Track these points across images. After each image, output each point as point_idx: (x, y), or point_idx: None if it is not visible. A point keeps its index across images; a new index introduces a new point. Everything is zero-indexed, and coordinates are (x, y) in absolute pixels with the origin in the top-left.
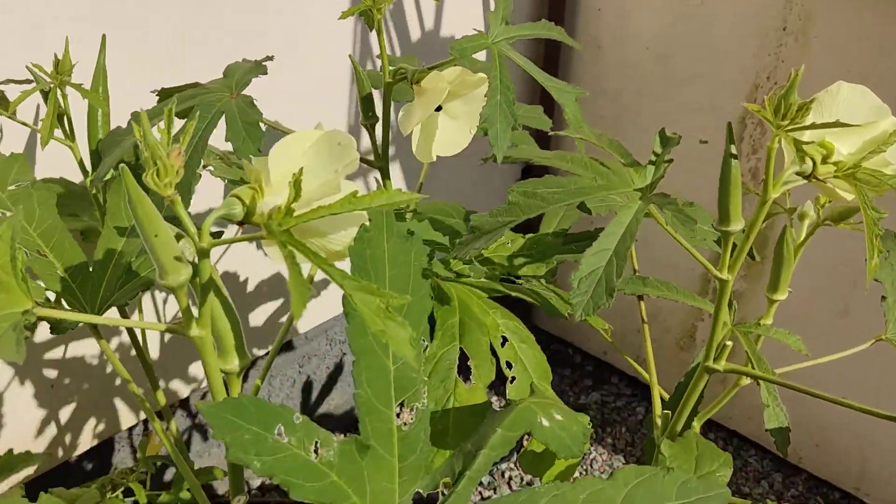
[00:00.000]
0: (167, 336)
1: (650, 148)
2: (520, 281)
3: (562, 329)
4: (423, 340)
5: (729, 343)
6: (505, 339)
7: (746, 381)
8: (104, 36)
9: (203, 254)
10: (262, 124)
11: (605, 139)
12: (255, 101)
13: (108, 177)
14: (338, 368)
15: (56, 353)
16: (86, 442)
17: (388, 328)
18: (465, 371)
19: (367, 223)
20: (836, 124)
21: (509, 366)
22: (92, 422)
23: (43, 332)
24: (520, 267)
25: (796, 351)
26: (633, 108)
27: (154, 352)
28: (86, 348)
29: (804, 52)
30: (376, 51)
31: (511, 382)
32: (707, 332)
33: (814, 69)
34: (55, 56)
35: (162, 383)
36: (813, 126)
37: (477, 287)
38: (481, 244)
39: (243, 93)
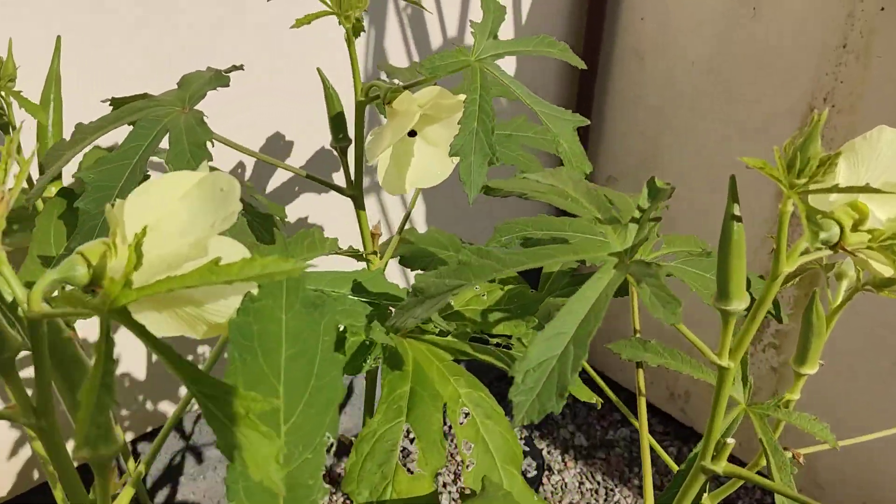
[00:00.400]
0: (154, 355)
1: (690, 171)
2: (495, 340)
3: (592, 357)
4: (329, 437)
5: (731, 441)
6: (466, 414)
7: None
8: (59, 38)
9: (35, 326)
10: (210, 144)
11: (582, 188)
12: (205, 119)
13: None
14: (348, 391)
15: (28, 373)
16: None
17: (248, 440)
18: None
19: (256, 290)
20: (866, 189)
21: (468, 447)
22: (72, 443)
23: None
24: (495, 324)
25: (822, 440)
26: (676, 126)
27: (140, 371)
28: None
29: (865, 72)
30: (392, 58)
31: (468, 468)
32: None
33: (875, 92)
34: None
35: (149, 405)
36: (836, 189)
37: (440, 347)
38: (423, 311)
39: (196, 107)
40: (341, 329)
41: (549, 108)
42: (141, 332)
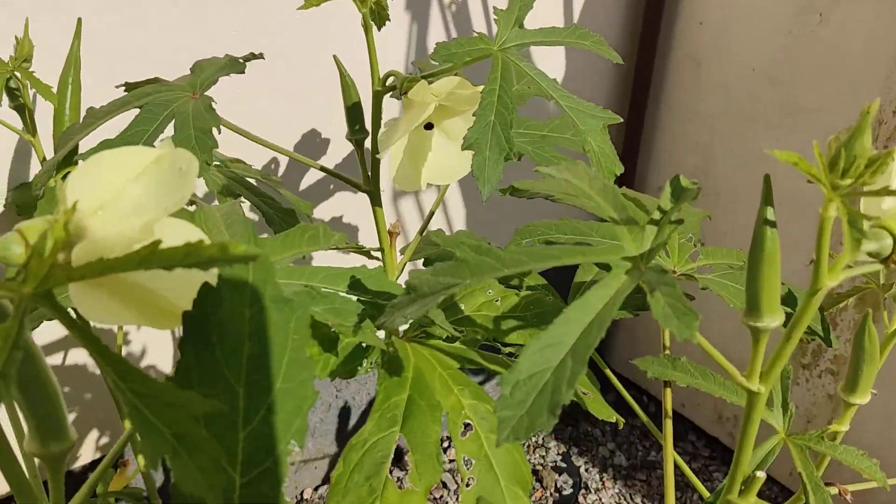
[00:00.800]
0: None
1: (746, 183)
2: (508, 350)
3: (636, 373)
4: (294, 444)
5: (761, 474)
6: (469, 427)
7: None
8: (79, 20)
9: None
10: (217, 131)
11: (598, 184)
12: (213, 105)
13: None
14: None
15: (55, 360)
16: (88, 454)
17: (183, 447)
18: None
19: (215, 278)
20: None
21: (468, 464)
22: (94, 434)
23: (38, 338)
24: (508, 332)
25: (870, 478)
26: (733, 136)
27: (166, 365)
28: (88, 356)
29: None
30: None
31: (467, 486)
32: (808, 388)
33: None
34: (15, 39)
35: None
36: (886, 192)
37: (446, 353)
38: (415, 311)
39: (206, 93)
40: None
41: (576, 102)
42: (66, 319)
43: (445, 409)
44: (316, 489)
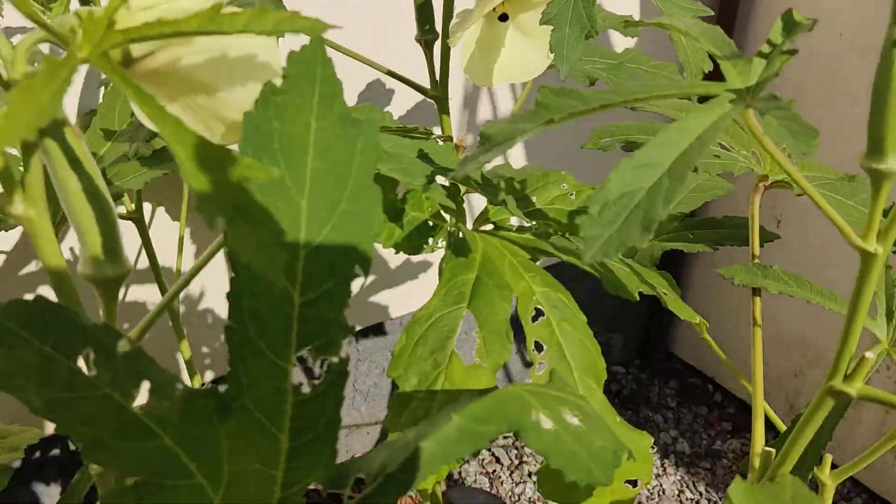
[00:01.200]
0: None
1: (830, 163)
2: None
3: (701, 360)
4: (358, 271)
5: (869, 355)
6: (540, 314)
7: None
8: None
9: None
10: None
11: (698, 27)
12: None
13: None
14: None
15: None
16: (142, 398)
17: (239, 215)
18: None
19: (278, 80)
20: None
21: (539, 348)
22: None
23: None
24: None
25: None
26: (817, 108)
27: (223, 309)
28: (149, 293)
29: None
30: None
31: (538, 371)
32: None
33: None
34: None
35: None
36: None
37: (516, 243)
38: (490, 157)
39: None
40: (400, 197)
41: None
42: (118, 75)
43: (516, 293)
44: None
